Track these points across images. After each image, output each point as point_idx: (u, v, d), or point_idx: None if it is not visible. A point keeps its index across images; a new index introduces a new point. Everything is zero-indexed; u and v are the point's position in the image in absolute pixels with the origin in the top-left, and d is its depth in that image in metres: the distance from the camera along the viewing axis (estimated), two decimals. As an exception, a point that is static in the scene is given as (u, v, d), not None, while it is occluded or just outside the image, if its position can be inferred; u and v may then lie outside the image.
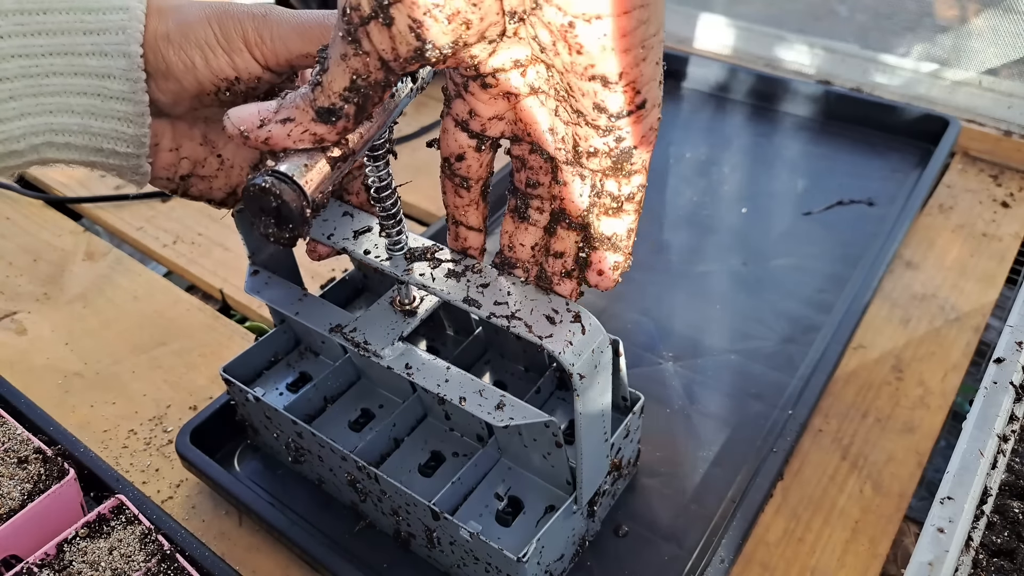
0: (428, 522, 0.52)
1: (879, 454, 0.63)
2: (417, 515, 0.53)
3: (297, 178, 0.38)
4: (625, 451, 0.57)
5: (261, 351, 0.64)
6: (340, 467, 0.56)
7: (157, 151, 0.45)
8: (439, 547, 0.54)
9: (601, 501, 0.56)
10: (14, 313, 0.79)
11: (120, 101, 0.42)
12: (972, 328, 0.73)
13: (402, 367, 0.50)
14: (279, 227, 0.39)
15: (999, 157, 0.93)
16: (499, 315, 0.42)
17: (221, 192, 0.49)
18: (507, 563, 0.48)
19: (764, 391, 0.68)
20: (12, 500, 0.53)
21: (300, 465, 0.62)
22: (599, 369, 0.44)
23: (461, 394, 0.48)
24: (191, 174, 0.47)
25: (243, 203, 0.40)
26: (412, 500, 0.51)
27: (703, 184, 0.92)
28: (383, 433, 0.58)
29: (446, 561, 0.55)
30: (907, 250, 0.82)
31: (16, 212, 0.93)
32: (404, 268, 0.46)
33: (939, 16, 0.96)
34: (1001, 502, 0.56)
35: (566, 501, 0.51)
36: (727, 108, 1.03)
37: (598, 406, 0.46)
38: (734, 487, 0.61)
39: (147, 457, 0.66)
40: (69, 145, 0.43)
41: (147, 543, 0.52)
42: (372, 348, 0.51)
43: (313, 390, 0.61)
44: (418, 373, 0.50)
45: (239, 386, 0.59)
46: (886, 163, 0.92)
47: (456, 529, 0.50)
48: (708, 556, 0.56)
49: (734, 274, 0.80)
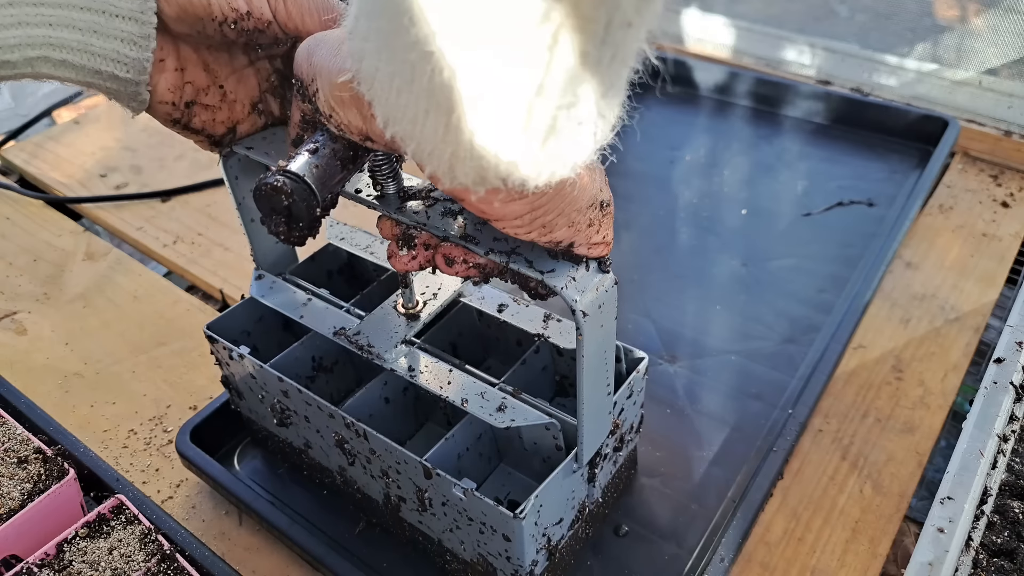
0: (419, 481, 0.49)
1: (879, 454, 0.63)
2: (408, 474, 0.50)
3: (307, 178, 0.38)
4: (628, 413, 0.55)
5: (247, 310, 0.61)
6: (327, 427, 0.54)
7: (162, 68, 0.44)
8: (430, 510, 0.51)
9: (602, 466, 0.54)
10: (14, 313, 0.79)
11: (126, 20, 0.40)
12: (972, 328, 0.73)
13: (405, 370, 0.50)
14: (289, 226, 0.39)
15: (999, 157, 0.93)
16: (498, 251, 0.40)
17: (223, 126, 0.48)
18: (503, 521, 0.46)
19: (764, 391, 0.68)
20: (12, 500, 0.53)
21: (286, 429, 0.59)
22: (603, 310, 0.41)
23: (463, 396, 0.48)
24: (194, 101, 0.46)
25: (254, 202, 0.40)
26: (403, 457, 0.49)
27: (703, 186, 0.92)
28: (373, 390, 0.56)
29: (437, 527, 0.52)
30: (907, 250, 0.82)
31: (16, 212, 0.93)
32: (396, 206, 0.43)
33: (939, 16, 0.96)
34: (1001, 502, 0.56)
35: (565, 459, 0.49)
36: (727, 110, 1.03)
37: (601, 351, 0.43)
38: (734, 487, 0.61)
39: (147, 457, 0.66)
40: (66, 63, 0.40)
41: (147, 543, 0.52)
42: (375, 351, 0.50)
43: (300, 347, 0.58)
44: (420, 376, 0.50)
45: (223, 343, 0.56)
46: (886, 164, 0.92)
47: (449, 486, 0.47)
48: (708, 556, 0.56)
49: (734, 275, 0.80)
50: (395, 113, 0.30)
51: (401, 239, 0.44)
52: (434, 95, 0.28)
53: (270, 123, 0.49)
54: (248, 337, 0.61)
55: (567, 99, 0.27)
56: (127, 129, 1.07)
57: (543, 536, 0.50)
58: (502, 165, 0.29)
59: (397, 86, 0.29)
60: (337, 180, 0.40)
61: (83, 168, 0.99)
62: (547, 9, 0.25)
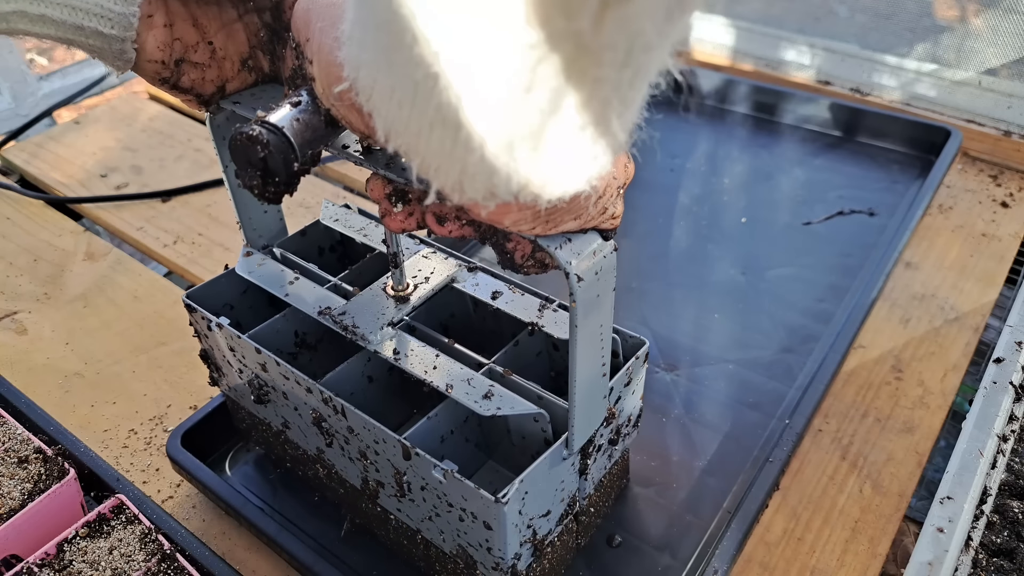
0: (398, 463, 0.47)
1: (879, 454, 0.63)
2: (386, 455, 0.48)
3: (287, 130, 0.36)
4: (625, 403, 0.52)
5: (231, 282, 0.58)
6: (305, 404, 0.52)
7: (151, 25, 0.42)
8: (409, 495, 0.49)
9: (596, 458, 0.51)
10: (14, 313, 0.80)
11: None
12: (972, 328, 0.73)
13: (389, 353, 0.48)
14: (264, 180, 0.37)
15: (999, 157, 0.93)
16: None
17: (212, 85, 0.46)
18: (484, 507, 0.43)
19: (761, 401, 0.68)
20: (12, 500, 0.53)
21: (264, 408, 0.57)
22: (601, 278, 0.39)
23: (448, 382, 0.46)
24: (183, 59, 0.44)
25: (230, 153, 0.38)
26: (381, 435, 0.46)
27: (703, 194, 0.91)
28: (355, 366, 0.53)
29: (416, 514, 0.50)
30: (907, 250, 0.82)
31: (16, 212, 0.93)
32: (384, 162, 0.41)
33: (939, 16, 0.96)
34: (1001, 502, 0.56)
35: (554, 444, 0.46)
36: (727, 119, 1.03)
37: (596, 324, 0.41)
38: (729, 497, 0.60)
39: (147, 457, 0.66)
40: (45, 18, 0.38)
41: (147, 543, 0.52)
42: (360, 332, 0.49)
43: (282, 320, 0.56)
44: (405, 360, 0.48)
45: (202, 312, 0.54)
46: (887, 173, 0.92)
47: (428, 468, 0.44)
48: (702, 567, 0.55)
49: (733, 284, 0.80)
50: (397, 126, 0.28)
51: (394, 195, 0.41)
52: (440, 111, 0.26)
53: (260, 80, 0.48)
54: (231, 311, 0.59)
55: (583, 118, 0.26)
56: (127, 129, 1.07)
57: (528, 528, 0.47)
58: (513, 182, 0.28)
59: (398, 100, 0.27)
60: (319, 136, 0.38)
61: (83, 168, 0.99)
62: (564, 32, 0.23)
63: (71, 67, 1.16)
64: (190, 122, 1.09)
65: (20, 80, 1.09)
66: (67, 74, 1.15)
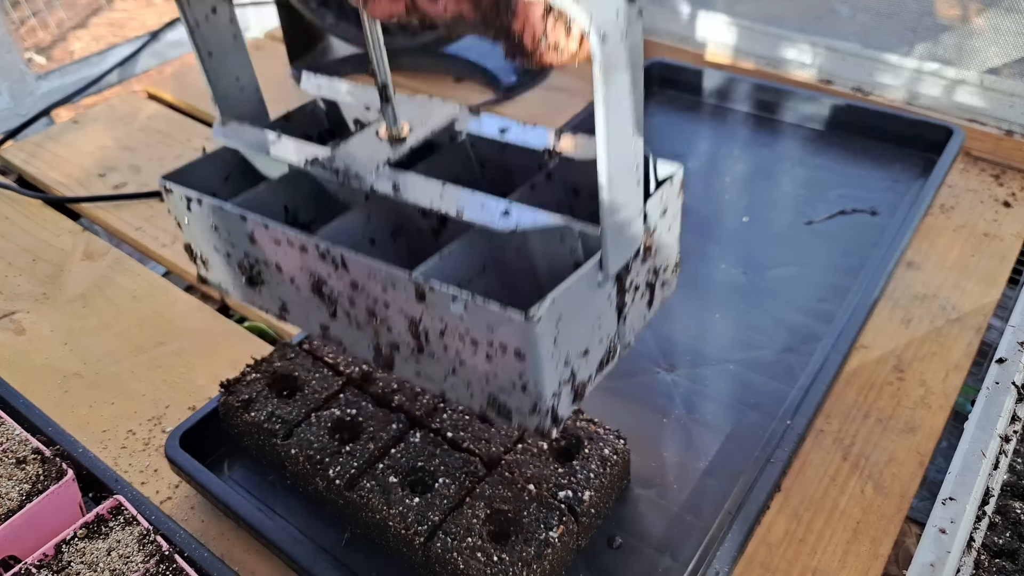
0: (411, 309, 0.42)
1: (880, 454, 0.63)
2: (398, 306, 0.43)
3: None
4: (662, 236, 0.46)
5: (213, 165, 0.53)
6: (301, 270, 0.47)
7: None
8: (428, 347, 0.43)
9: (634, 299, 0.45)
10: (13, 313, 0.79)
11: None
12: (974, 328, 0.73)
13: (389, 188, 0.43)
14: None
15: (1000, 157, 0.93)
16: None
17: None
18: (512, 330, 0.38)
19: (763, 401, 0.68)
20: (11, 500, 0.53)
21: (259, 293, 0.52)
22: (629, 42, 0.33)
23: (459, 207, 0.40)
24: None
25: None
26: (390, 280, 0.41)
27: (704, 192, 0.91)
28: (355, 222, 0.48)
29: (438, 372, 0.44)
30: (908, 250, 0.81)
31: (16, 212, 0.93)
32: None
33: (940, 15, 0.96)
34: (1003, 503, 0.55)
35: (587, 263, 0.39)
36: (729, 117, 1.03)
37: (625, 103, 0.35)
38: (731, 498, 0.60)
39: (146, 457, 0.66)
40: None
41: (145, 544, 0.52)
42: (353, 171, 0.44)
43: (268, 190, 0.50)
44: (408, 192, 0.43)
45: (181, 191, 0.49)
46: (889, 172, 0.92)
47: (447, 303, 0.39)
48: (703, 568, 0.55)
49: (734, 283, 0.79)
50: None
51: None
52: None
53: None
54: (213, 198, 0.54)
55: None
56: (126, 129, 1.07)
57: (566, 366, 0.41)
58: None
59: None
60: None
61: (82, 168, 0.99)
62: None
63: (69, 66, 1.16)
64: (189, 121, 1.08)
65: (18, 79, 1.09)
66: (65, 73, 1.15)
